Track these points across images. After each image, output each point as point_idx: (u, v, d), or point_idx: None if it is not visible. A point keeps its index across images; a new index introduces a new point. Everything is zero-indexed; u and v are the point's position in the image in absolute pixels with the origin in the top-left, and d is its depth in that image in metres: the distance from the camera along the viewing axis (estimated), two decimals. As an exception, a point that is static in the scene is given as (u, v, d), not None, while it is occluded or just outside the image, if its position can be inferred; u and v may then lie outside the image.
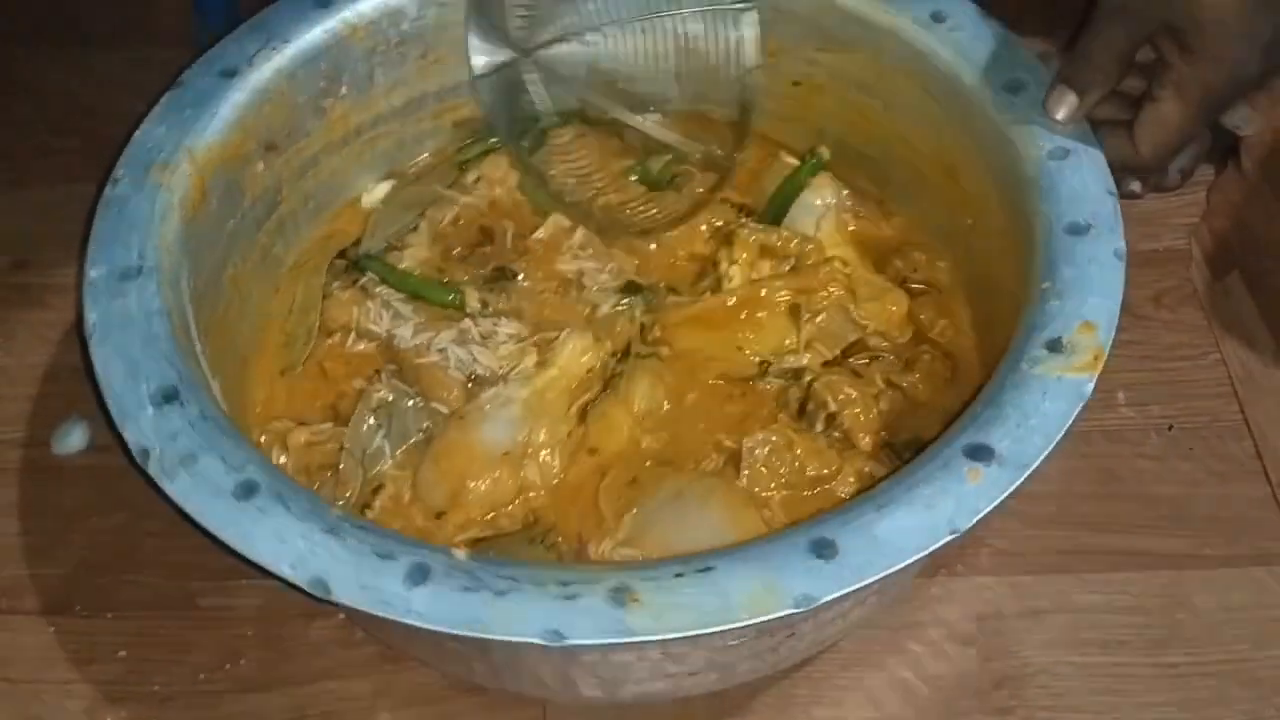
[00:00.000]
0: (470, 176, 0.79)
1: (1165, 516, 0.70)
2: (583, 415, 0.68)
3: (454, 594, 0.50)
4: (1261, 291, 0.79)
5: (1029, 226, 0.64)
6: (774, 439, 0.66)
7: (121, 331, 0.59)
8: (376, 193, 0.80)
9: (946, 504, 0.52)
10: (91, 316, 0.60)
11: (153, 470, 0.55)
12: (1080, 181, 0.64)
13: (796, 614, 0.49)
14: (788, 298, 0.71)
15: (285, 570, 0.52)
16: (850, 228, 0.77)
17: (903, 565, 0.51)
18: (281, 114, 0.72)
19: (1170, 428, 0.74)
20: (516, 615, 0.50)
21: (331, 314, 0.73)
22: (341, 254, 0.76)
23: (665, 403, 0.69)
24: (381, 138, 0.79)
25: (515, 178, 0.79)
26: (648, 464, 0.67)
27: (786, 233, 0.74)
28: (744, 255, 0.73)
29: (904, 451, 0.66)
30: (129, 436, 0.56)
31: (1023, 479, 0.53)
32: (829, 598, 0.50)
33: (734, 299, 0.71)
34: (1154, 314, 0.79)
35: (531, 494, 0.66)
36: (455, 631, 0.50)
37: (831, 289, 0.71)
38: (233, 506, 0.54)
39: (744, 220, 0.76)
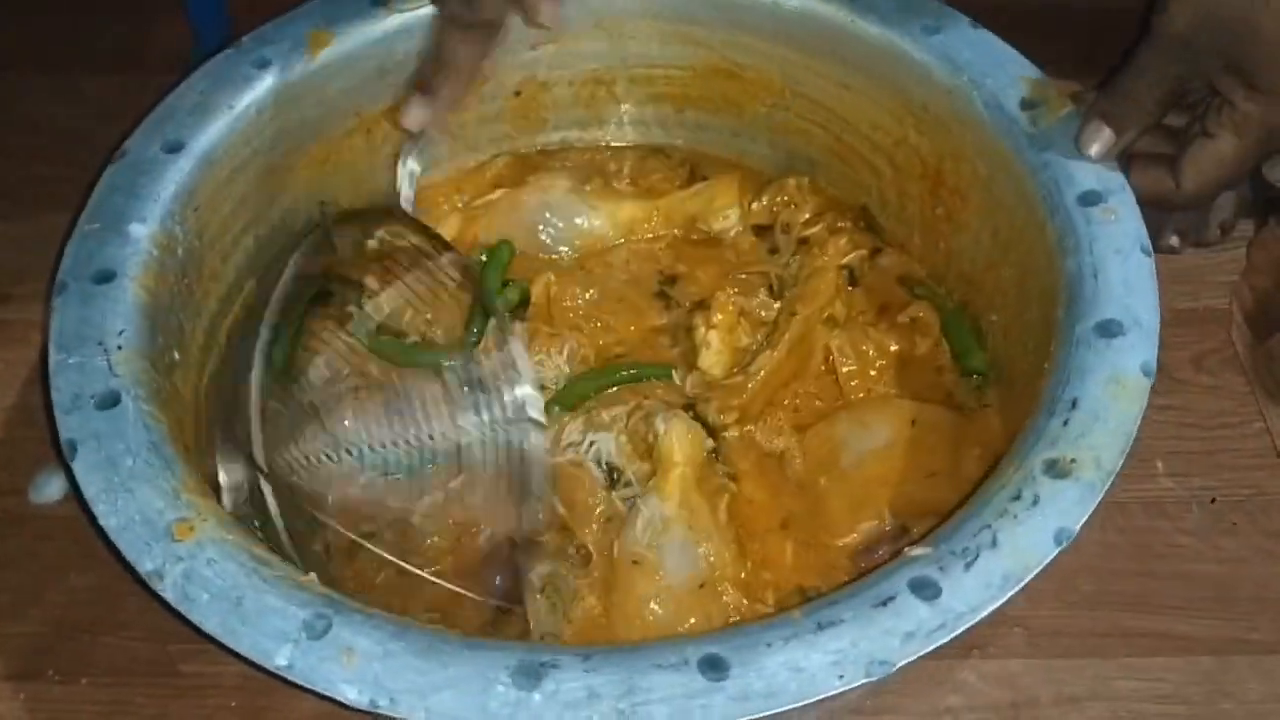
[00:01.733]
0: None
1: (1208, 597, 0.66)
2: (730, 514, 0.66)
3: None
4: (1306, 356, 0.75)
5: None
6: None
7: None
8: (228, 478, 0.64)
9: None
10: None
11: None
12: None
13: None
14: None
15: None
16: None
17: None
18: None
19: (1213, 500, 0.70)
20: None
21: None
22: None
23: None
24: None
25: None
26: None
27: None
28: (722, 319, 0.71)
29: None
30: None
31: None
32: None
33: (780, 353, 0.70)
34: (1194, 378, 0.75)
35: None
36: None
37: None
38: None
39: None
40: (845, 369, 0.71)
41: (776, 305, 0.73)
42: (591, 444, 0.66)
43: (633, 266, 0.77)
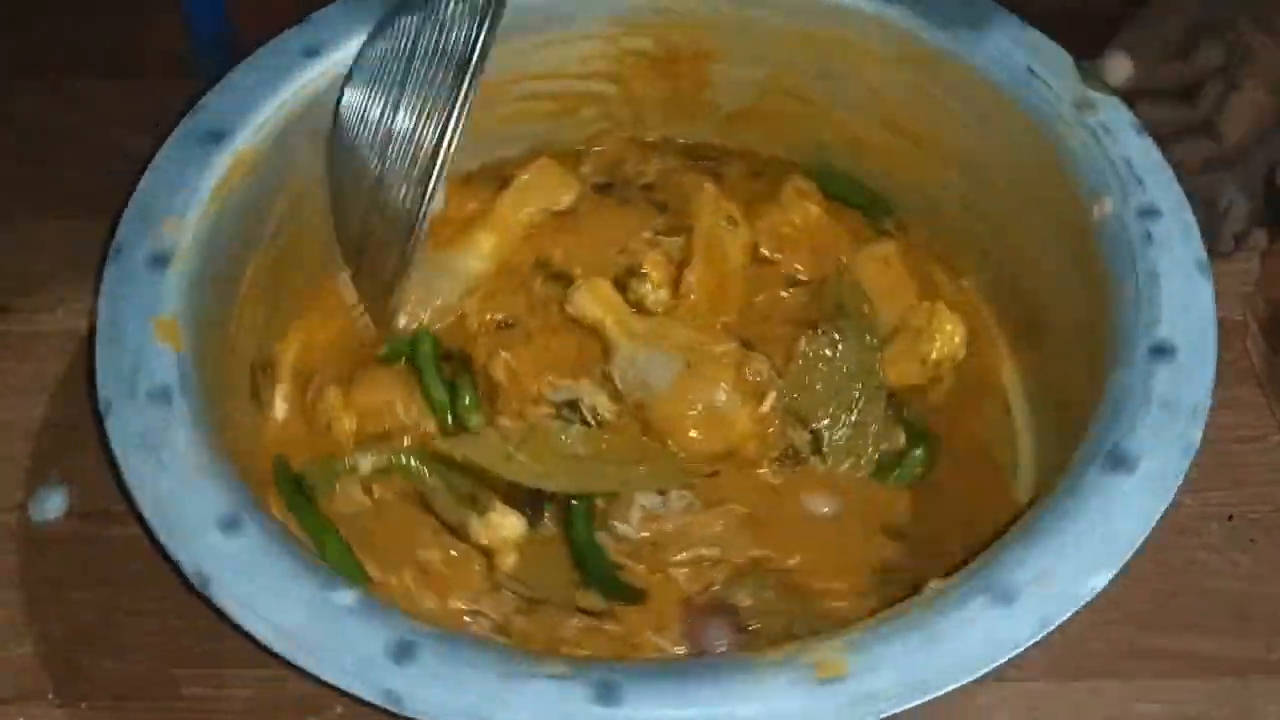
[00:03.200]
0: None
1: (1228, 616, 0.65)
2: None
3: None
4: (1322, 368, 0.74)
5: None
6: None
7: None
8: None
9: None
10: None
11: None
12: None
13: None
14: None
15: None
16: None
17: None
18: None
19: (1230, 517, 0.69)
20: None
21: None
22: None
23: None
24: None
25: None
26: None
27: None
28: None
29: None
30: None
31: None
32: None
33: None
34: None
35: None
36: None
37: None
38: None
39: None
40: (775, 255, 0.73)
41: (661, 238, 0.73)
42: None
43: (523, 290, 0.73)
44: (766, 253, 0.74)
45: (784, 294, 0.73)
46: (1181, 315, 0.59)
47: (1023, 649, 0.50)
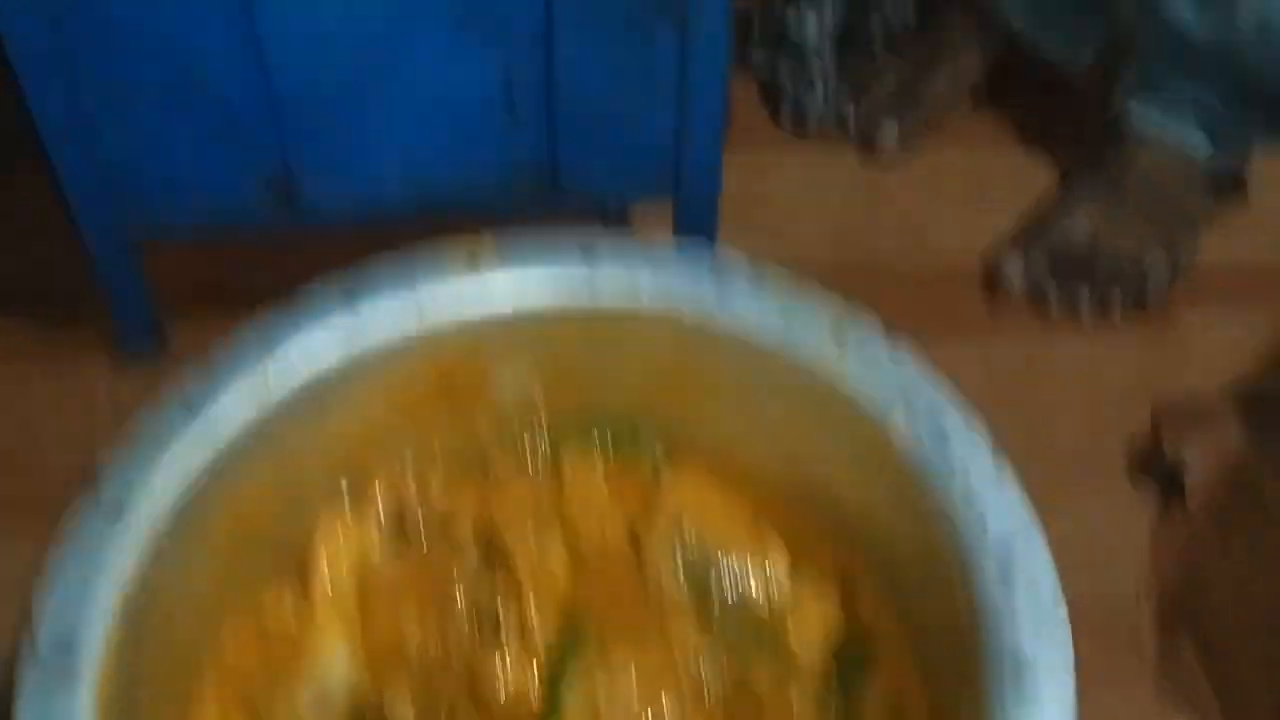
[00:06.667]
0: None
1: None
2: None
3: None
4: (1215, 660, 0.76)
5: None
6: None
7: None
8: None
9: None
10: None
11: None
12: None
13: None
14: None
15: None
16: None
17: None
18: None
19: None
20: None
21: None
22: None
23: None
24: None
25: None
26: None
27: None
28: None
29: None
30: None
31: None
32: None
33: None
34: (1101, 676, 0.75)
35: None
36: None
37: None
38: None
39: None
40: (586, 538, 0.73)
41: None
42: None
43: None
44: (580, 536, 0.74)
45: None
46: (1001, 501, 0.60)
47: None
